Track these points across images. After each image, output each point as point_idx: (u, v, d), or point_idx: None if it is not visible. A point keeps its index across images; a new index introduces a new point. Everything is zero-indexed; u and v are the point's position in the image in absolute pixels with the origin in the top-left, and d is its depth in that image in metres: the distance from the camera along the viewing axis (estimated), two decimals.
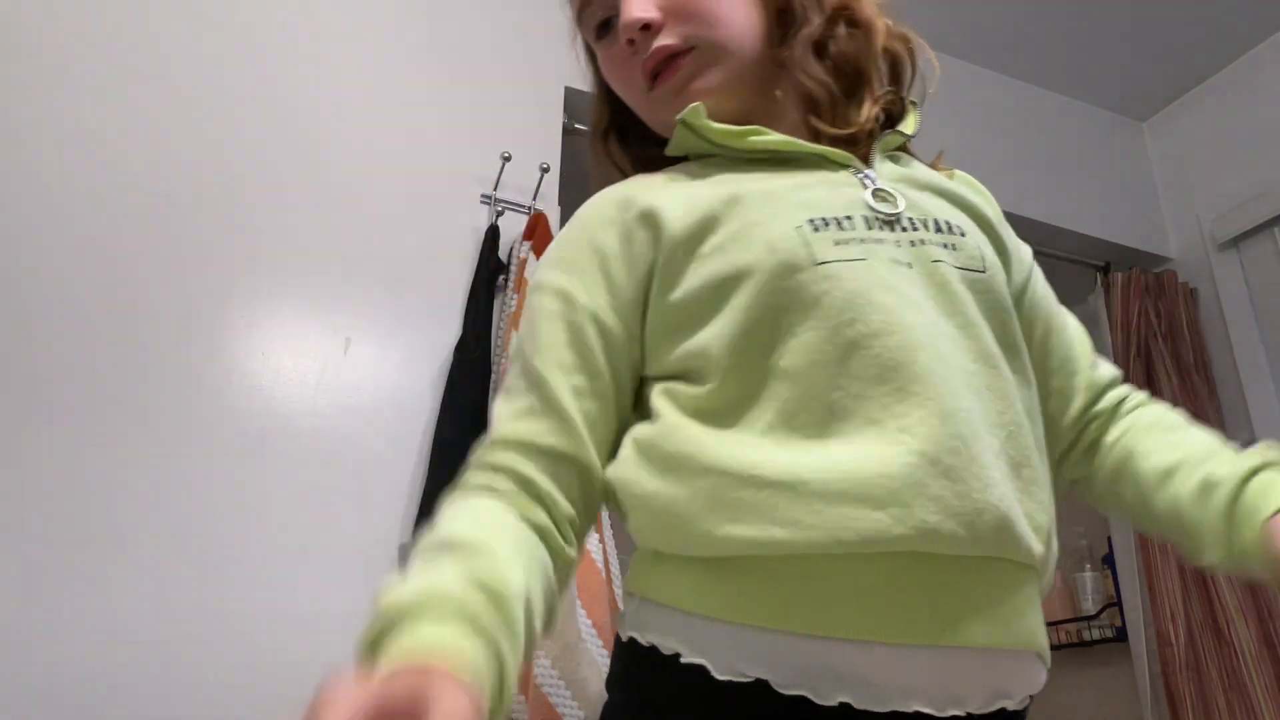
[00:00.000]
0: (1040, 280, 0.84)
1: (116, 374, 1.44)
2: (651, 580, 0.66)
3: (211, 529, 1.41)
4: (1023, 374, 0.72)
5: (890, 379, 0.62)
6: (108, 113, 1.56)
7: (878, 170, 0.75)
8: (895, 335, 0.63)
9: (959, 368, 0.65)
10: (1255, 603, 2.09)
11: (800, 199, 0.70)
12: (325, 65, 1.76)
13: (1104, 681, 2.58)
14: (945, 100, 2.63)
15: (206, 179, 1.59)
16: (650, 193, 0.74)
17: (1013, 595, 0.63)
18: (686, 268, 0.69)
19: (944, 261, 0.69)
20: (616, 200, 0.75)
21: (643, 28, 0.74)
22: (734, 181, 0.73)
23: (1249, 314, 2.36)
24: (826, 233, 0.68)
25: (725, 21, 0.75)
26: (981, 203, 0.80)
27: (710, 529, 0.61)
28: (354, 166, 1.70)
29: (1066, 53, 2.49)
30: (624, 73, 0.78)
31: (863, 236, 0.68)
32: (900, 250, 0.68)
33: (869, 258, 0.67)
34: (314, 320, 1.59)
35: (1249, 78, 2.48)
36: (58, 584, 1.31)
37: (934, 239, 0.70)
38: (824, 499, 0.59)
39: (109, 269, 1.48)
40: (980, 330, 0.68)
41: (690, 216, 0.70)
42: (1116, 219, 2.55)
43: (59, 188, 1.49)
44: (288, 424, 1.51)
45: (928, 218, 0.72)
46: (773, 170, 0.74)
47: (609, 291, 0.71)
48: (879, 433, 0.61)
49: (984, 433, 0.63)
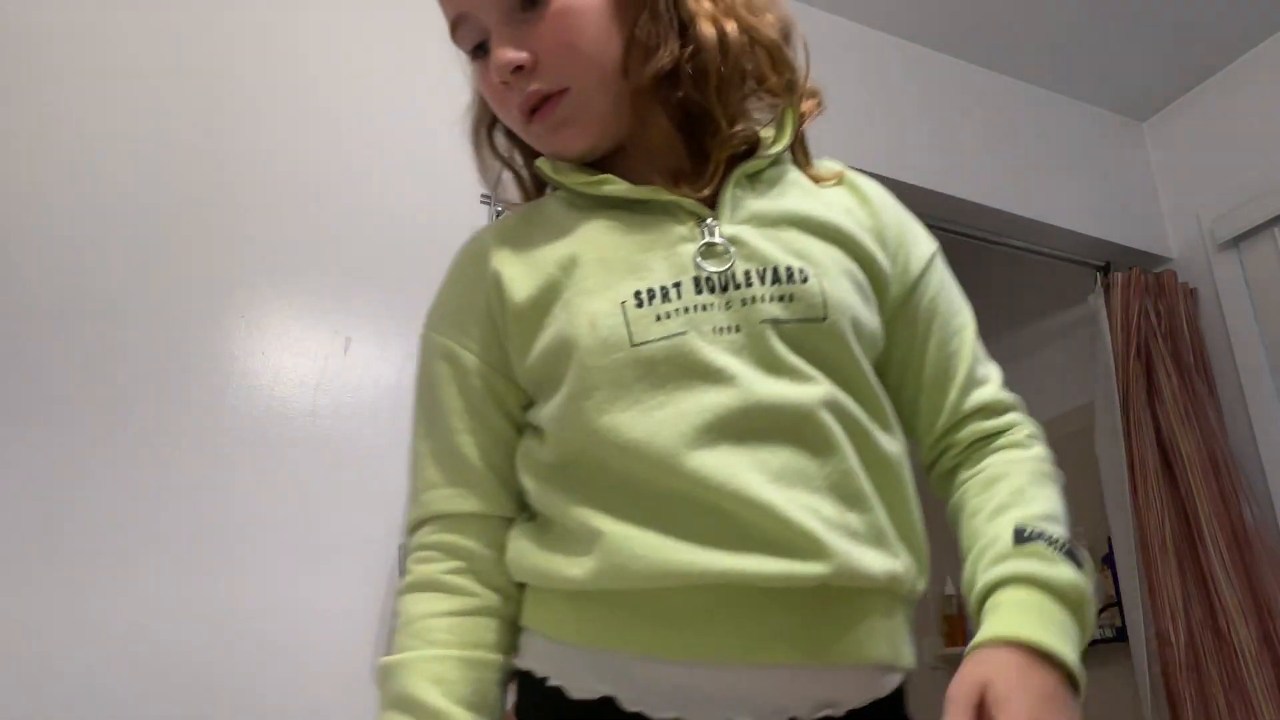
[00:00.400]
0: (936, 285, 0.81)
1: (116, 374, 1.43)
2: (527, 612, 0.73)
3: (210, 529, 1.41)
4: (875, 414, 0.73)
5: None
6: (108, 113, 1.56)
7: (730, 209, 0.74)
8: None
9: (767, 435, 0.67)
10: (1255, 603, 2.09)
11: (635, 263, 0.71)
12: (325, 65, 1.75)
13: (1104, 681, 2.57)
14: (945, 100, 2.65)
15: (206, 179, 1.59)
16: (502, 251, 0.76)
17: (829, 616, 0.67)
18: (529, 337, 0.73)
19: (773, 319, 0.70)
20: (476, 257, 0.77)
21: (515, 68, 0.73)
22: (581, 234, 0.74)
23: (1249, 314, 2.37)
24: (650, 308, 0.69)
25: (597, 61, 0.73)
26: (857, 214, 0.79)
27: (557, 570, 0.69)
28: (354, 166, 1.69)
29: (1066, 53, 2.49)
30: (499, 102, 0.77)
31: (688, 304, 0.69)
32: (727, 314, 0.69)
33: (689, 330, 0.68)
34: (314, 320, 1.59)
35: (1249, 78, 2.48)
36: (56, 584, 1.31)
37: (768, 293, 0.70)
38: (648, 547, 0.66)
39: (108, 269, 1.48)
40: (809, 386, 0.69)
41: (529, 287, 0.73)
42: (1116, 219, 2.55)
43: (58, 188, 1.49)
44: (288, 424, 1.51)
45: (766, 267, 0.71)
46: (625, 216, 0.74)
47: (488, 347, 0.75)
48: (691, 507, 0.66)
49: (799, 486, 0.67)
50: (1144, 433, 2.29)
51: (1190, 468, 2.21)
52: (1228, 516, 2.16)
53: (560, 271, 0.72)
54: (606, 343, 0.68)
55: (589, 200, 0.76)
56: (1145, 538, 2.21)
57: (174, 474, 1.42)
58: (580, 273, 0.72)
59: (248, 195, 1.61)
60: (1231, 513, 2.16)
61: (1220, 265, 2.45)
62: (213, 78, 1.66)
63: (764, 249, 0.72)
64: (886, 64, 2.39)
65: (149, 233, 1.53)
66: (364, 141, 1.72)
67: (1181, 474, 2.23)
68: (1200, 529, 2.16)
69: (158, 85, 1.61)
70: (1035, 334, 3.00)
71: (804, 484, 0.67)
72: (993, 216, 2.38)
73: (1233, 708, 2.03)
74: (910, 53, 2.44)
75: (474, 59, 0.79)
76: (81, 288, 1.46)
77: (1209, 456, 2.22)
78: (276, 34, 1.74)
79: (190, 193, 1.57)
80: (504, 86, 0.74)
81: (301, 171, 1.66)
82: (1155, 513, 2.22)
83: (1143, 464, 2.26)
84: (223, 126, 1.63)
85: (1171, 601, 2.14)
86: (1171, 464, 2.26)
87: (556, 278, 0.72)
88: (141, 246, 1.51)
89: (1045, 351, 2.95)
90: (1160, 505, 2.22)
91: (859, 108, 2.29)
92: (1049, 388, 2.90)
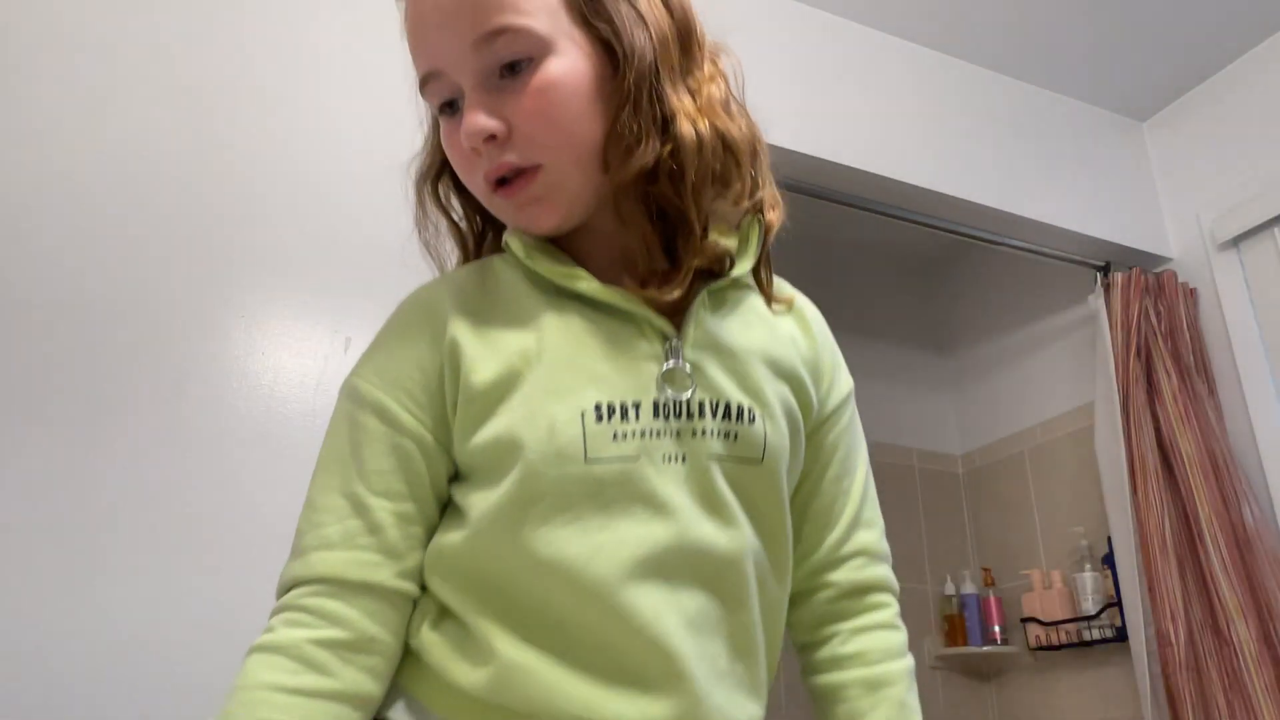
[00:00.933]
0: (845, 423, 0.82)
1: (115, 374, 1.44)
2: (413, 679, 0.70)
3: (210, 529, 1.41)
4: (777, 564, 0.73)
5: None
6: (107, 112, 1.56)
7: (694, 331, 0.72)
8: (629, 548, 0.65)
9: (690, 578, 0.67)
10: (1255, 603, 2.09)
11: (599, 371, 0.69)
12: (325, 64, 1.76)
13: (1104, 681, 2.58)
14: (945, 100, 2.65)
15: (206, 178, 1.59)
16: (461, 320, 0.71)
17: None
18: (477, 421, 0.68)
19: (719, 456, 0.69)
20: (431, 317, 0.72)
21: (489, 137, 0.69)
22: (546, 326, 0.70)
23: (1249, 314, 2.37)
24: (609, 424, 0.67)
25: (575, 142, 0.70)
26: (801, 344, 0.80)
27: (450, 671, 0.67)
28: (354, 166, 1.70)
29: (1066, 53, 2.50)
30: (465, 167, 0.73)
31: (645, 428, 0.67)
32: (679, 443, 0.68)
33: (642, 455, 0.67)
34: (314, 320, 1.59)
35: (1249, 78, 2.48)
36: (55, 583, 1.31)
37: (718, 428, 0.70)
38: (543, 684, 0.65)
39: (107, 268, 1.48)
40: (736, 532, 0.69)
41: (490, 370, 0.68)
42: (1116, 219, 2.55)
43: (57, 187, 1.49)
44: (288, 424, 1.51)
45: (719, 400, 0.70)
46: (591, 315, 0.71)
47: (435, 418, 0.70)
48: (600, 640, 0.65)
49: (705, 634, 0.67)
50: (1144, 433, 2.29)
51: (1190, 468, 2.21)
52: (1228, 516, 2.16)
53: (522, 362, 0.68)
54: (561, 454, 0.65)
55: (551, 285, 0.73)
56: (1145, 538, 2.22)
57: (174, 474, 1.42)
58: (543, 370, 0.68)
59: (248, 195, 1.61)
60: (1231, 513, 2.17)
61: (1220, 265, 2.45)
62: (213, 78, 1.66)
63: (720, 382, 0.71)
64: (886, 64, 2.39)
65: (149, 232, 1.53)
66: (364, 141, 1.72)
67: (1181, 474, 2.23)
68: (1200, 529, 2.17)
69: (158, 85, 1.61)
70: (1035, 334, 3.00)
71: (710, 633, 0.67)
72: (993, 216, 2.38)
73: (1233, 708, 2.03)
74: (910, 52, 2.44)
75: (441, 114, 0.74)
76: (81, 288, 1.46)
77: (1209, 456, 2.22)
78: (277, 34, 1.74)
79: (190, 192, 1.57)
80: (473, 152, 0.70)
81: (302, 171, 1.66)
82: (1155, 513, 2.22)
83: (1143, 464, 2.27)
84: (223, 126, 1.63)
85: (1171, 601, 2.14)
86: (1171, 464, 2.26)
87: (518, 368, 0.68)
88: (141, 246, 1.51)
89: (1045, 351, 2.95)
90: (1160, 505, 2.22)
91: (858, 107, 2.29)
92: (1049, 388, 2.91)
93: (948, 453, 3.21)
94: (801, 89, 2.23)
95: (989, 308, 3.22)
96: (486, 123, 0.68)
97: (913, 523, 3.05)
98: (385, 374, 0.71)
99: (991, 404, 3.14)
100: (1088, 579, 2.56)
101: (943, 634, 2.91)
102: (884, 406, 3.13)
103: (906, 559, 2.98)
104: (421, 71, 0.72)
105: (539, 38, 0.68)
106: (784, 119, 2.16)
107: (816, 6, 2.33)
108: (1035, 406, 2.96)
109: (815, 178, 2.20)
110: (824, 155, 2.16)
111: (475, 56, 0.69)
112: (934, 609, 2.96)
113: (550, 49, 0.69)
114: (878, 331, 3.24)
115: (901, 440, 3.14)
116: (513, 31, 0.68)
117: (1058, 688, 2.70)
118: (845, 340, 0.90)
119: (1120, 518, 2.27)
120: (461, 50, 0.69)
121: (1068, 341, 2.85)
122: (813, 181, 2.20)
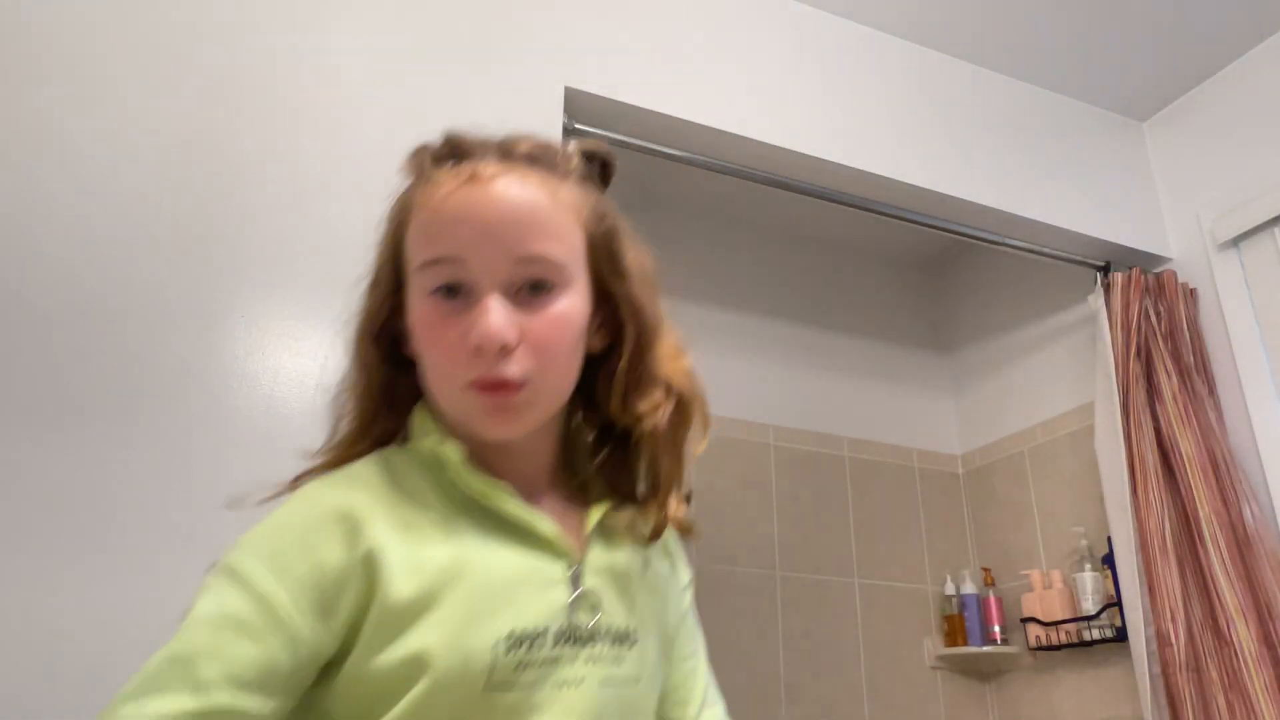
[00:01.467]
0: (687, 608, 0.88)
1: (115, 374, 1.43)
2: None
3: (210, 529, 1.41)
4: None
5: None
6: (108, 113, 1.56)
7: (592, 556, 0.76)
8: None
9: None
10: (1255, 603, 2.09)
11: (512, 596, 0.69)
12: (326, 64, 1.76)
13: (1104, 681, 2.58)
14: (945, 100, 2.64)
15: (206, 178, 1.59)
16: (382, 529, 0.68)
17: None
18: (386, 639, 0.66)
19: (607, 679, 0.72)
20: (344, 518, 0.68)
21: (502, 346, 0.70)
22: (464, 541, 0.70)
23: (1249, 314, 2.37)
24: (516, 654, 0.67)
25: (563, 370, 0.75)
26: (663, 558, 0.85)
27: None
28: (355, 165, 1.69)
29: (1066, 53, 2.50)
30: (453, 359, 0.72)
31: (546, 656, 0.69)
32: (575, 668, 0.70)
33: (539, 682, 0.68)
34: (314, 320, 1.59)
35: (1249, 78, 2.48)
36: (54, 583, 1.31)
37: (609, 654, 0.73)
38: None
39: (106, 268, 1.48)
40: None
41: (410, 588, 0.66)
42: (1116, 219, 2.55)
43: (57, 189, 1.49)
44: (288, 424, 1.51)
45: (613, 627, 0.74)
46: (505, 529, 0.73)
47: (318, 616, 0.65)
48: None
49: None
50: (1144, 433, 2.29)
51: (1190, 468, 2.21)
52: (1228, 516, 2.16)
53: (443, 579, 0.67)
54: (469, 681, 0.65)
55: (468, 498, 0.73)
56: (1145, 538, 2.21)
57: (174, 473, 1.42)
58: (462, 592, 0.67)
59: (248, 195, 1.61)
60: (1231, 513, 2.17)
61: (1220, 265, 2.45)
62: (214, 77, 1.66)
63: (614, 607, 0.75)
64: (886, 64, 2.39)
65: (149, 232, 1.53)
66: (365, 141, 1.72)
67: (1181, 474, 2.23)
68: (1200, 529, 2.16)
69: (158, 85, 1.61)
70: (1035, 334, 3.00)
71: None
72: (992, 216, 2.38)
73: (1233, 708, 2.03)
74: (910, 52, 2.44)
75: (433, 293, 0.73)
76: (81, 288, 1.46)
77: (1209, 456, 2.22)
78: (278, 34, 1.74)
79: (190, 192, 1.57)
80: (476, 350, 0.70)
81: (302, 171, 1.66)
82: (1155, 513, 2.22)
83: (1143, 464, 2.27)
84: (223, 126, 1.63)
85: (1171, 601, 2.14)
86: (1171, 464, 2.26)
87: (438, 586, 0.67)
88: (141, 246, 1.51)
89: (1045, 351, 2.95)
90: (1160, 505, 2.22)
91: (858, 107, 2.29)
92: (1049, 388, 2.91)
93: (948, 453, 3.21)
94: (801, 89, 2.23)
95: (989, 308, 3.22)
96: (509, 333, 0.70)
97: (913, 523, 3.05)
98: (277, 559, 0.66)
99: (991, 404, 3.14)
100: (1088, 579, 2.56)
101: (943, 634, 2.91)
102: (884, 406, 3.13)
103: (906, 559, 2.98)
104: (440, 254, 0.73)
105: (568, 273, 0.74)
106: (784, 119, 2.16)
107: (817, 6, 2.33)
108: (1035, 406, 2.96)
109: (815, 178, 2.20)
110: (824, 155, 2.17)
111: (512, 268, 0.72)
112: (934, 609, 2.96)
113: (571, 283, 0.75)
114: (878, 331, 3.24)
115: (901, 440, 3.14)
116: (553, 261, 0.73)
117: (1058, 688, 2.70)
118: (845, 340, 0.91)
119: (1120, 518, 2.27)
120: (502, 258, 0.72)
121: (1067, 341, 2.85)
122: (813, 181, 2.20)
